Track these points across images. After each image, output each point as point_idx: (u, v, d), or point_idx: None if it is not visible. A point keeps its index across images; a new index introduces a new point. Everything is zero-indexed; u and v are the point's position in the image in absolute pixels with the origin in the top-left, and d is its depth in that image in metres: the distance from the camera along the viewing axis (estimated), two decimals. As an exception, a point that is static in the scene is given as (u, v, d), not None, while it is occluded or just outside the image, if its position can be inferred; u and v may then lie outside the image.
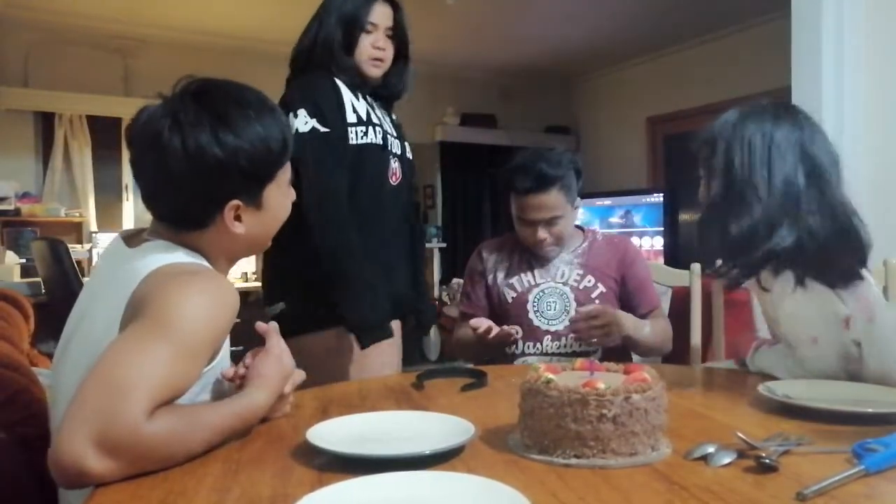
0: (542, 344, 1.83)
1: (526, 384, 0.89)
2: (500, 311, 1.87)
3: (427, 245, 5.36)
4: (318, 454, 0.85)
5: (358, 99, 1.74)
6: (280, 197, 1.08)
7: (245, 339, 1.18)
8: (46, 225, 4.44)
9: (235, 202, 1.01)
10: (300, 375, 1.09)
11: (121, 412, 0.75)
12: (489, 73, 5.90)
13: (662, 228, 5.07)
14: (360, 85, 1.77)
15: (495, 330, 1.69)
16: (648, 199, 5.19)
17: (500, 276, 1.91)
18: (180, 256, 0.98)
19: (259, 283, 1.86)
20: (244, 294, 4.73)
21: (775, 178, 1.24)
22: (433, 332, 5.12)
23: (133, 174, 1.04)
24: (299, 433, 0.91)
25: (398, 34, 1.82)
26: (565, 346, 1.82)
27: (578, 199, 1.87)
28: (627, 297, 1.87)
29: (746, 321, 1.90)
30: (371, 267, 1.64)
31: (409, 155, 1.88)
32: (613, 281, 1.87)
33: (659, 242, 5.07)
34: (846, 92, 2.21)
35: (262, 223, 1.06)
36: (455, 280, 5.06)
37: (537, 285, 1.87)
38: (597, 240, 1.94)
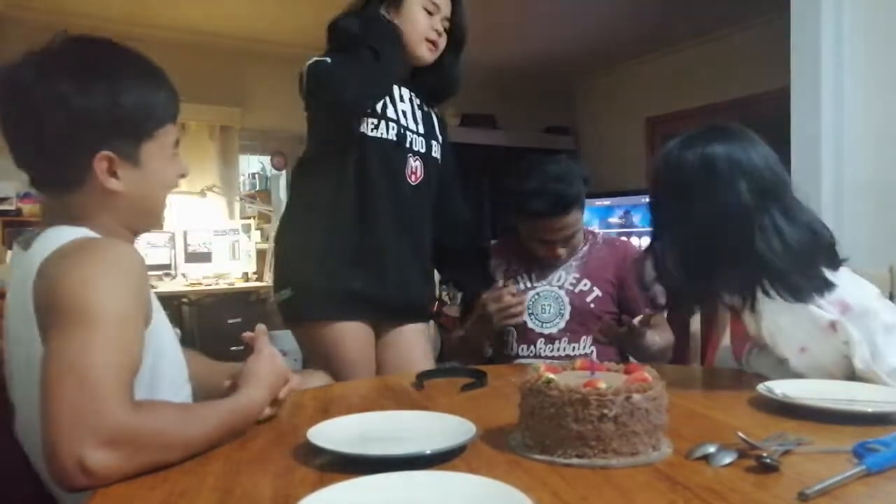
0: (535, 347, 1.85)
1: (526, 384, 0.89)
2: None
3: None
4: (319, 454, 0.85)
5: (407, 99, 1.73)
6: (162, 160, 1.03)
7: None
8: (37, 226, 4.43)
9: (106, 153, 0.95)
10: (297, 381, 1.10)
11: (103, 407, 0.75)
12: (489, 73, 5.89)
13: (662, 228, 5.07)
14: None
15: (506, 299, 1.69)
16: (648, 200, 5.19)
17: (499, 278, 1.91)
18: (66, 235, 0.93)
19: (259, 284, 1.86)
20: (244, 294, 4.75)
21: (719, 202, 1.24)
22: (433, 332, 5.11)
23: (3, 136, 0.98)
24: (300, 433, 0.91)
25: (453, 26, 1.79)
26: (559, 349, 1.84)
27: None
28: (627, 300, 1.87)
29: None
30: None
31: (437, 154, 1.83)
32: (611, 284, 1.88)
33: (659, 242, 5.07)
34: (846, 92, 2.21)
35: (142, 184, 1.00)
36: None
37: (534, 288, 1.89)
38: (597, 243, 1.95)
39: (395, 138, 1.70)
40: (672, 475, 0.79)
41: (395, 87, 1.74)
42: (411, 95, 1.79)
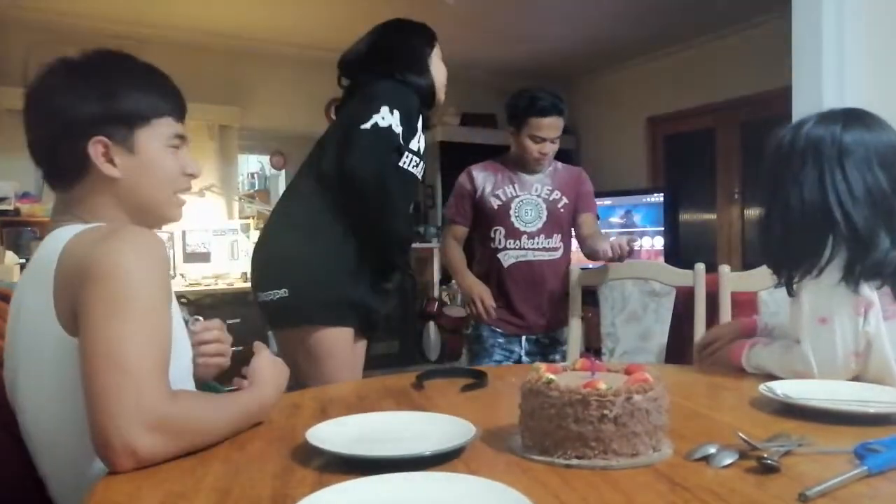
0: (520, 241, 2.37)
1: (527, 385, 0.89)
2: (486, 215, 2.39)
3: (427, 245, 5.37)
4: (318, 455, 0.84)
5: (423, 132, 1.83)
6: (161, 149, 1.06)
7: (244, 339, 1.18)
8: (46, 225, 4.43)
9: (100, 138, 1.00)
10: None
11: (147, 395, 0.82)
12: (489, 73, 5.89)
13: (662, 228, 5.06)
14: (425, 107, 1.87)
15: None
16: (648, 199, 5.19)
17: (488, 189, 2.40)
18: (79, 227, 0.97)
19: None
20: (244, 294, 4.74)
21: (855, 186, 1.21)
22: (433, 332, 5.11)
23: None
24: (299, 434, 0.91)
25: None
26: (537, 243, 2.38)
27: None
28: (579, 203, 2.45)
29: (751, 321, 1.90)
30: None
31: None
32: (574, 194, 2.44)
33: (659, 242, 5.07)
34: (847, 92, 2.20)
35: (140, 173, 1.04)
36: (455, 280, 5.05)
37: (518, 196, 2.39)
38: (559, 167, 2.50)
39: (421, 176, 1.86)
40: (672, 476, 0.79)
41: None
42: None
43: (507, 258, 2.36)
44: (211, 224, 4.93)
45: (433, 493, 0.72)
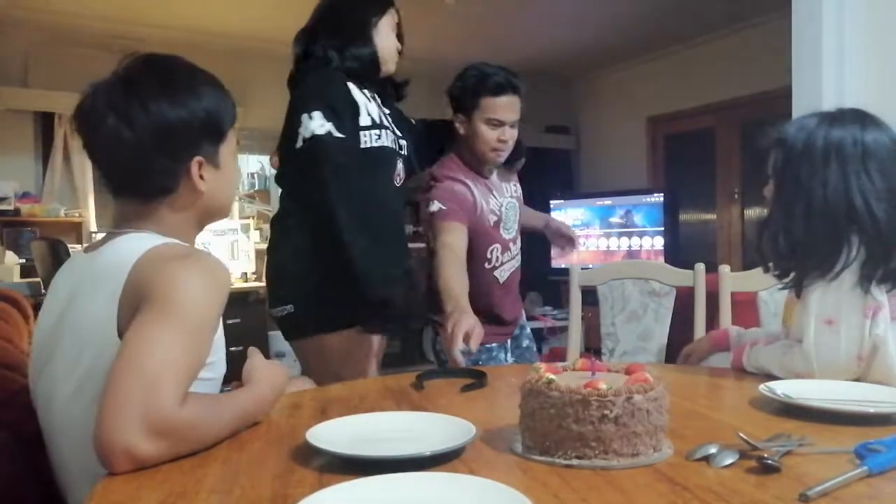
0: (510, 251, 2.06)
1: (527, 385, 0.89)
2: (482, 235, 1.95)
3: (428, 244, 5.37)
4: (318, 455, 0.84)
5: (370, 101, 1.74)
6: (232, 160, 1.13)
7: (244, 339, 1.18)
8: (46, 225, 4.43)
9: (199, 158, 1.04)
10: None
11: (156, 401, 0.81)
12: (489, 73, 5.89)
13: (662, 228, 5.07)
14: (369, 78, 1.77)
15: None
16: (648, 199, 5.19)
17: (486, 206, 1.98)
18: (156, 239, 1.01)
19: (259, 284, 1.86)
20: (244, 294, 4.74)
21: (879, 186, 1.21)
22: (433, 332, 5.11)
23: (92, 158, 1.06)
24: (299, 434, 0.91)
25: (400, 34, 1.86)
26: (519, 247, 2.11)
27: None
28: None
29: (752, 321, 1.90)
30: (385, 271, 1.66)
31: (409, 153, 1.88)
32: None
33: (659, 242, 5.07)
34: (847, 92, 2.20)
35: (219, 184, 1.10)
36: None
37: (501, 204, 2.04)
38: None
39: (392, 145, 1.75)
40: (673, 476, 0.79)
41: (376, 97, 1.78)
42: (385, 101, 1.84)
43: (503, 274, 2.03)
44: (210, 224, 4.92)
45: (433, 494, 0.71)
